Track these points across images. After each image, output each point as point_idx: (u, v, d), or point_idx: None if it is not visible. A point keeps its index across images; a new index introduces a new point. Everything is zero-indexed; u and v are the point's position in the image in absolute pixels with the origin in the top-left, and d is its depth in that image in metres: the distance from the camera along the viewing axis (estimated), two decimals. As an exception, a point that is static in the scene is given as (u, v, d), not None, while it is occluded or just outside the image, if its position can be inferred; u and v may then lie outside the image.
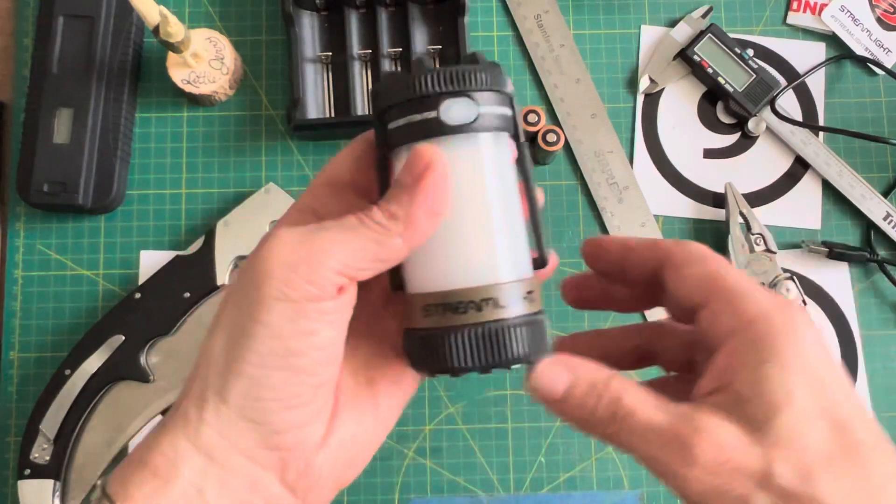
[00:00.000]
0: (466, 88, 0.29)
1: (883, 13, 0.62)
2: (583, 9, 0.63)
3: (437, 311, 0.29)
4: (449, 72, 0.29)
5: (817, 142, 0.60)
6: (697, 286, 0.30)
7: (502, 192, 0.30)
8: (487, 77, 0.29)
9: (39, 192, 0.55)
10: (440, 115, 0.29)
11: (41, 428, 0.54)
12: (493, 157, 0.30)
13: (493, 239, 0.30)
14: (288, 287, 0.26)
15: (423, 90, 0.29)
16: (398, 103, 0.29)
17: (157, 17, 0.52)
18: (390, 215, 0.28)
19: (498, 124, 0.30)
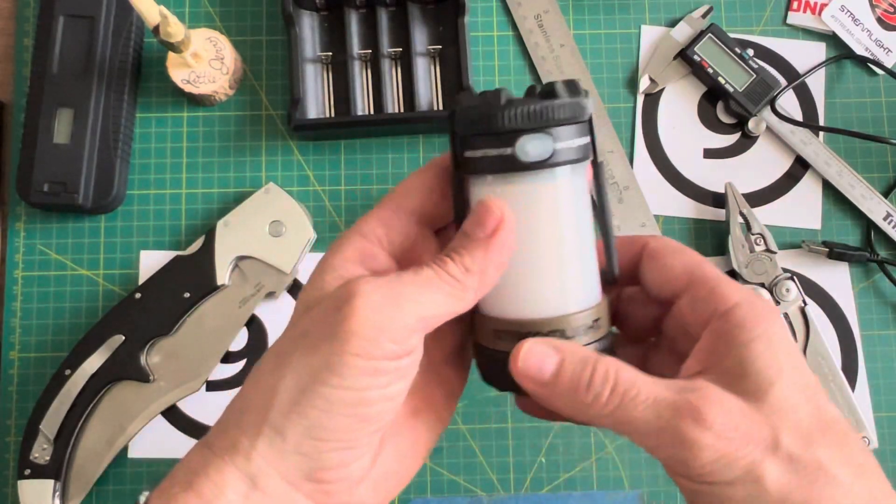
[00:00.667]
0: (543, 125, 0.28)
1: (883, 13, 0.62)
2: (583, 9, 0.63)
3: (507, 336, 0.30)
4: (526, 108, 0.28)
5: (817, 142, 0.60)
6: (677, 275, 0.31)
7: (576, 223, 0.30)
8: (566, 111, 0.29)
9: (39, 192, 0.55)
10: (516, 152, 0.28)
11: (41, 428, 0.54)
12: (568, 189, 0.30)
13: (564, 273, 0.30)
14: (372, 346, 0.27)
15: (499, 125, 0.28)
16: (475, 134, 0.29)
17: (157, 17, 0.52)
18: (465, 269, 0.29)
19: (574, 156, 0.29)
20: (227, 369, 0.58)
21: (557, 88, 0.29)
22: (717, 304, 0.30)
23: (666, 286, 0.32)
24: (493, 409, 0.57)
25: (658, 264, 0.32)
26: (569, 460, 0.57)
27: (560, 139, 0.29)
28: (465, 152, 0.30)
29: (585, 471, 0.57)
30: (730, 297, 0.30)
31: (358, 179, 0.60)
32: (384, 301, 0.27)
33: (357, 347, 0.27)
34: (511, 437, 0.57)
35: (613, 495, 0.57)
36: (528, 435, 0.57)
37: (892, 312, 0.59)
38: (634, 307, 0.35)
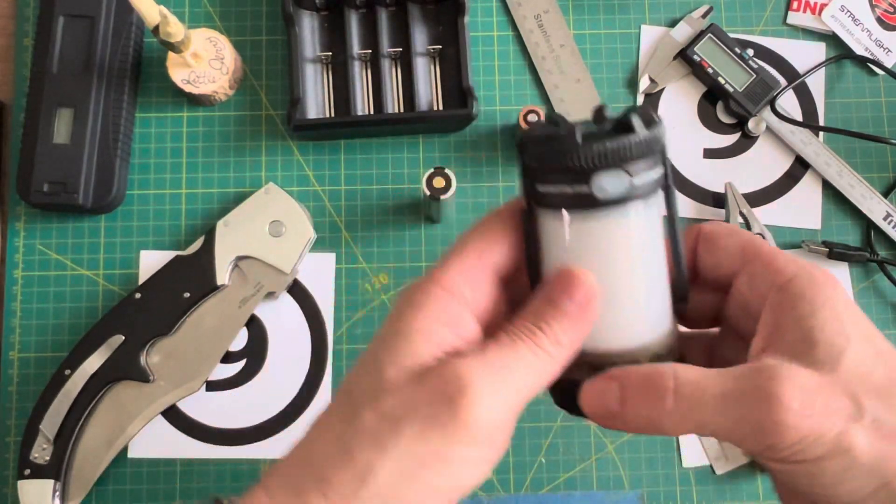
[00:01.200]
0: (620, 162, 0.28)
1: (883, 13, 0.62)
2: (583, 9, 0.63)
3: (582, 367, 0.30)
4: (604, 146, 0.27)
5: (817, 142, 0.60)
6: (733, 255, 0.31)
7: (649, 254, 0.30)
8: (643, 147, 0.28)
9: (39, 192, 0.55)
10: (592, 189, 0.28)
11: (41, 428, 0.54)
12: (642, 222, 0.29)
13: (638, 306, 0.30)
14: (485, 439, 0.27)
15: (575, 163, 0.28)
16: (549, 169, 0.29)
17: (157, 17, 0.52)
18: (557, 343, 0.29)
19: (649, 190, 0.29)
20: (227, 369, 0.58)
21: (633, 121, 0.28)
22: (775, 277, 0.29)
23: (722, 268, 0.31)
24: (493, 409, 0.57)
25: (713, 247, 0.32)
26: (569, 460, 0.57)
27: (637, 174, 0.28)
28: (538, 186, 0.29)
29: (585, 471, 0.57)
30: (786, 270, 0.29)
31: (358, 179, 0.60)
32: (494, 393, 0.27)
33: (470, 440, 0.27)
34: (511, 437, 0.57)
35: (613, 495, 0.57)
36: (528, 435, 0.57)
37: (892, 312, 0.59)
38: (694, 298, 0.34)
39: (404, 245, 0.59)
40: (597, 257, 0.29)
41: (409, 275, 0.59)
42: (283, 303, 0.58)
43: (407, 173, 0.60)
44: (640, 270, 0.30)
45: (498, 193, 0.60)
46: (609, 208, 0.29)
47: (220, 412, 0.57)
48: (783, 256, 0.30)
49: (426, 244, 0.59)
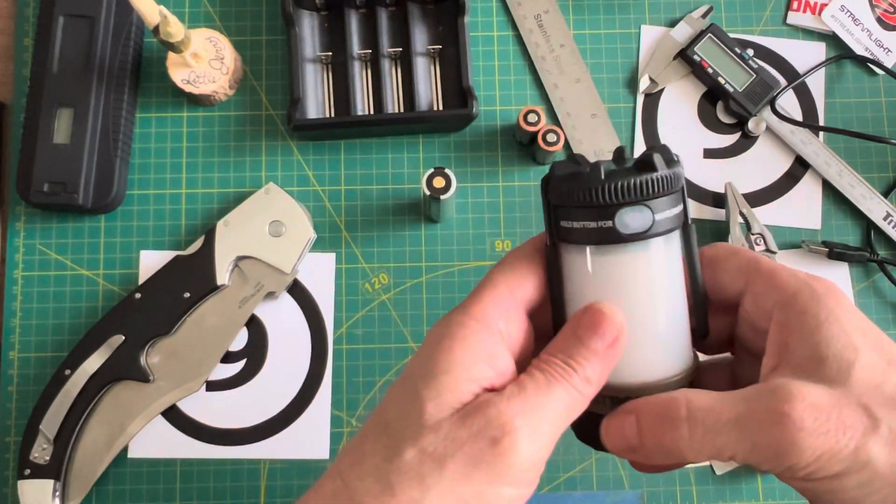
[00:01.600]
0: (642, 198, 0.29)
1: (883, 13, 0.62)
2: (583, 9, 0.63)
3: (605, 401, 0.31)
4: (627, 182, 0.28)
5: (817, 142, 0.60)
6: (736, 275, 0.31)
7: (669, 288, 0.31)
8: (664, 183, 0.29)
9: (39, 192, 0.55)
10: (616, 224, 0.29)
11: (41, 428, 0.54)
12: (663, 257, 0.30)
13: (660, 340, 0.31)
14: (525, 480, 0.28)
15: (599, 200, 0.29)
16: (573, 205, 0.30)
17: (157, 17, 0.52)
18: (587, 381, 0.29)
19: (671, 226, 0.30)
20: (227, 369, 0.58)
21: (655, 160, 0.29)
22: (777, 294, 0.29)
23: (726, 290, 0.32)
24: (493, 409, 0.57)
25: (715, 270, 0.32)
26: (569, 460, 0.57)
27: (658, 210, 0.29)
28: (562, 222, 0.30)
29: (585, 471, 0.57)
30: (788, 286, 0.29)
31: (358, 179, 0.60)
32: (534, 435, 0.28)
33: (510, 481, 0.27)
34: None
35: (613, 495, 0.57)
36: (528, 435, 0.57)
37: (892, 312, 0.59)
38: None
39: (404, 245, 0.59)
40: (619, 292, 0.30)
41: (409, 275, 0.59)
42: (283, 303, 0.58)
43: (407, 173, 0.60)
44: (661, 305, 0.30)
45: (498, 193, 0.60)
46: (631, 244, 0.29)
47: (220, 412, 0.57)
48: (784, 272, 0.30)
49: (426, 244, 0.59)
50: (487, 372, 0.29)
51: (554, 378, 0.29)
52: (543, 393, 0.29)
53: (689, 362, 0.31)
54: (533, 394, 0.28)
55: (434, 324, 0.31)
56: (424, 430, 0.28)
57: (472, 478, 0.27)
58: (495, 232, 0.60)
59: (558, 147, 0.57)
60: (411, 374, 0.30)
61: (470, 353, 0.29)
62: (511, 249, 0.33)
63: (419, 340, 0.58)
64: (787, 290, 0.29)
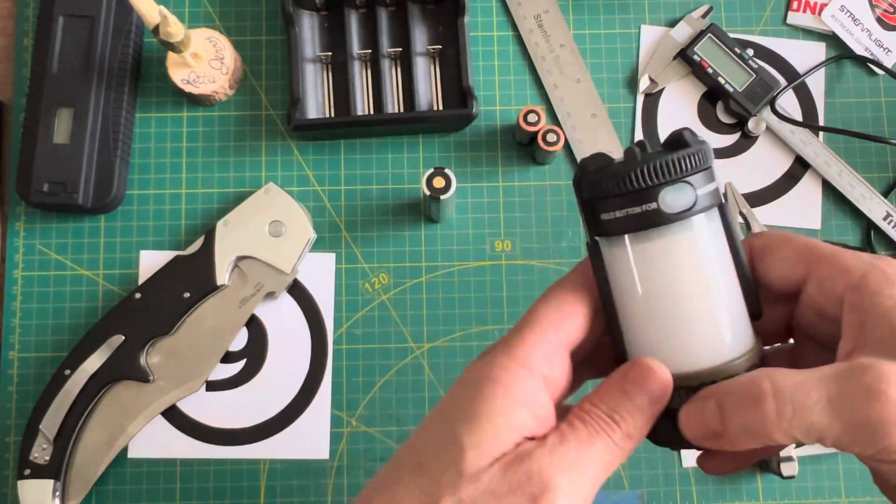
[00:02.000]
0: (684, 175, 0.28)
1: (883, 13, 0.62)
2: (583, 9, 0.63)
3: (676, 393, 0.30)
4: (664, 161, 0.28)
5: (817, 142, 0.60)
6: (795, 263, 0.30)
7: (719, 268, 0.30)
8: (699, 158, 0.29)
9: (39, 192, 0.55)
10: (660, 205, 0.28)
11: (41, 428, 0.54)
12: (708, 236, 0.30)
13: (715, 321, 0.30)
14: None
15: (641, 183, 0.28)
16: (613, 195, 0.29)
17: (157, 17, 0.52)
18: (629, 437, 0.29)
19: (711, 202, 0.30)
20: (227, 369, 0.58)
21: (686, 136, 0.29)
22: (846, 277, 0.29)
23: (787, 279, 0.31)
24: (493, 409, 0.57)
25: (771, 260, 0.31)
26: (569, 460, 0.57)
27: (699, 186, 0.29)
28: (602, 216, 0.30)
29: (585, 471, 0.57)
30: (855, 268, 0.29)
31: (358, 179, 0.60)
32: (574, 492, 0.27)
33: None
34: None
35: (613, 495, 0.57)
36: (528, 435, 0.57)
37: (892, 312, 0.59)
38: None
39: (404, 245, 0.59)
40: (670, 278, 0.30)
41: (409, 275, 0.59)
42: (283, 303, 0.58)
43: (407, 173, 0.60)
44: (714, 285, 0.30)
45: (498, 193, 0.60)
46: (675, 227, 0.29)
47: (220, 412, 0.57)
48: (847, 255, 0.29)
49: (426, 244, 0.59)
50: (529, 421, 0.29)
51: (596, 432, 0.29)
52: (585, 448, 0.28)
53: (752, 343, 0.31)
54: (574, 448, 0.28)
55: (474, 361, 0.30)
56: (464, 479, 0.27)
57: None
58: (495, 232, 0.60)
59: (558, 147, 0.57)
60: (451, 416, 0.29)
61: (511, 399, 0.28)
62: (558, 280, 0.32)
63: (419, 340, 0.58)
64: (856, 272, 0.29)
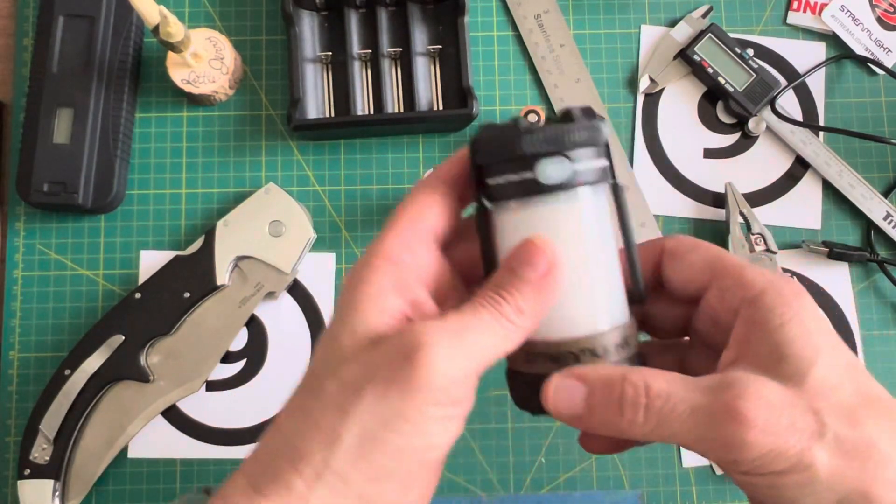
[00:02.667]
0: (560, 147, 0.29)
1: (883, 13, 0.62)
2: (583, 9, 0.63)
3: (538, 359, 0.31)
4: (545, 132, 0.29)
5: (817, 142, 0.60)
6: (701, 269, 0.31)
7: (600, 243, 0.31)
8: (582, 134, 0.30)
9: (39, 192, 0.55)
10: (536, 175, 0.29)
11: (41, 428, 0.54)
12: (590, 211, 0.31)
13: (592, 292, 0.31)
14: (444, 396, 0.27)
15: (520, 150, 0.29)
16: (496, 162, 0.30)
17: (157, 17, 0.52)
18: (519, 311, 0.29)
19: (593, 178, 0.30)
20: (227, 369, 0.58)
21: (574, 113, 0.30)
22: (745, 291, 0.30)
23: (691, 283, 0.32)
24: (493, 408, 0.57)
25: (679, 263, 0.32)
26: (569, 460, 0.57)
27: (578, 161, 0.30)
28: (488, 180, 0.31)
29: (585, 471, 0.57)
30: (755, 283, 0.30)
31: (358, 179, 0.60)
32: (452, 351, 0.27)
33: (430, 398, 0.27)
34: (511, 437, 0.57)
35: (613, 495, 0.57)
36: (528, 435, 0.57)
37: (892, 312, 0.59)
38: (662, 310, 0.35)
39: (404, 245, 0.59)
40: None
41: (409, 275, 0.59)
42: (283, 303, 0.58)
43: (407, 173, 0.60)
44: (593, 257, 0.31)
45: (498, 193, 0.60)
46: (555, 196, 0.30)
47: (220, 412, 0.57)
48: (751, 270, 0.30)
49: (426, 244, 0.59)
50: (399, 303, 0.29)
51: (482, 307, 0.29)
52: (468, 319, 0.28)
53: (627, 322, 0.32)
54: (455, 319, 0.28)
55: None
56: (343, 362, 0.28)
57: (388, 398, 0.27)
58: (495, 232, 0.59)
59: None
60: (329, 322, 0.30)
61: (378, 287, 0.29)
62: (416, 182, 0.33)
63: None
64: (755, 287, 0.29)
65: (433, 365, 0.27)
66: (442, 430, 0.28)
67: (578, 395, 0.29)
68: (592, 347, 0.30)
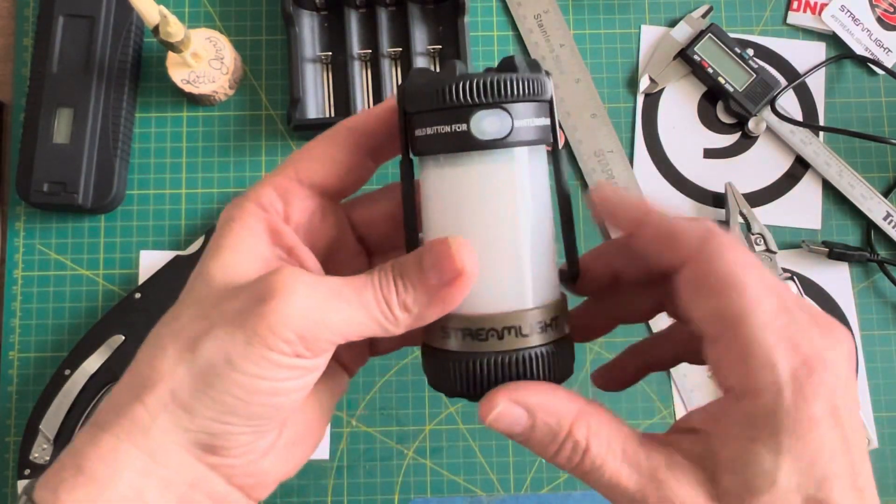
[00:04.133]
0: (501, 100, 0.26)
1: (883, 13, 0.62)
2: (583, 9, 0.63)
3: (457, 334, 0.28)
4: (482, 80, 0.26)
5: (817, 142, 0.60)
6: (713, 321, 0.27)
7: (534, 211, 0.28)
8: (524, 86, 0.27)
9: (39, 192, 0.55)
10: (471, 129, 0.26)
11: (41, 428, 0.54)
12: (527, 173, 0.28)
13: (522, 265, 0.28)
14: (288, 347, 0.26)
15: (453, 100, 0.26)
16: (427, 110, 0.27)
17: (157, 17, 0.52)
18: (404, 307, 0.27)
19: (533, 137, 0.27)
20: (227, 369, 0.57)
21: (517, 62, 0.27)
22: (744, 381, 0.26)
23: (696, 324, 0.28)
24: (493, 409, 0.57)
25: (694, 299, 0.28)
26: (569, 460, 0.57)
27: (519, 116, 0.27)
28: (416, 130, 0.28)
29: (585, 471, 0.57)
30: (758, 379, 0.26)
31: (358, 179, 0.60)
32: (309, 305, 0.26)
33: (274, 344, 0.25)
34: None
35: (613, 495, 0.56)
36: (528, 435, 0.57)
37: (892, 312, 0.59)
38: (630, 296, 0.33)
39: (404, 245, 0.59)
40: (477, 208, 0.27)
41: (409, 275, 0.59)
42: (283, 303, 0.58)
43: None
44: (523, 227, 0.28)
45: (498, 193, 0.60)
46: (488, 153, 0.27)
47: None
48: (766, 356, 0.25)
49: (426, 244, 0.59)
50: (269, 250, 0.28)
51: (370, 282, 0.27)
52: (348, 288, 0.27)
53: (556, 298, 0.29)
54: (333, 282, 0.27)
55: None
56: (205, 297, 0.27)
57: (235, 336, 0.26)
58: (495, 232, 0.59)
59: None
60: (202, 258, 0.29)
61: (245, 231, 0.28)
62: None
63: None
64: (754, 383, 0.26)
65: (282, 311, 0.25)
66: (288, 377, 0.26)
67: (521, 424, 0.27)
68: (518, 325, 0.27)
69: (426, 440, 0.57)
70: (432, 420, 0.57)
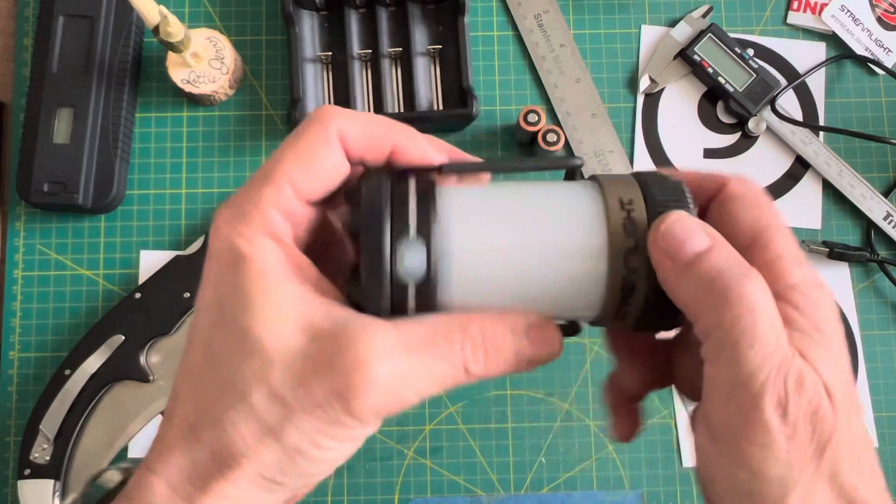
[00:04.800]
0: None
1: (883, 13, 0.62)
2: (583, 9, 0.63)
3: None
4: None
5: (817, 142, 0.60)
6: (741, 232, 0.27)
7: None
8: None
9: (39, 192, 0.55)
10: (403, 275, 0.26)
11: (41, 428, 0.54)
12: None
13: None
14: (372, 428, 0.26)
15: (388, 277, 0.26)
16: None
17: (157, 17, 0.52)
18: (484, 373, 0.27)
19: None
20: (227, 369, 0.57)
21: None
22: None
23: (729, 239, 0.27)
24: (493, 408, 0.57)
25: (726, 212, 0.29)
26: (569, 460, 0.57)
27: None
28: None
29: (585, 471, 0.57)
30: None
31: (358, 179, 0.60)
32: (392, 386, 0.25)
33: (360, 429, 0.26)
34: (511, 437, 0.57)
35: (613, 495, 0.57)
36: (528, 435, 0.57)
37: (892, 312, 0.59)
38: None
39: (404, 245, 0.59)
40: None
41: (409, 275, 0.59)
42: (283, 303, 0.58)
43: (407, 173, 0.60)
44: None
45: (498, 193, 0.60)
46: None
47: (220, 412, 0.57)
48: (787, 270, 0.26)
49: (426, 244, 0.59)
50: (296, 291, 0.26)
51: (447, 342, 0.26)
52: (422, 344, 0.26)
53: None
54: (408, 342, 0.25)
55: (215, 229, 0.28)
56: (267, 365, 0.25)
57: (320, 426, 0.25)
58: (495, 232, 0.59)
59: (558, 147, 0.57)
60: (221, 299, 0.27)
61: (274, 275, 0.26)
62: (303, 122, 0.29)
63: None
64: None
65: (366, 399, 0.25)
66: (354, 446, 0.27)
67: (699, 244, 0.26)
68: None
69: (426, 440, 0.57)
70: (432, 420, 0.57)
